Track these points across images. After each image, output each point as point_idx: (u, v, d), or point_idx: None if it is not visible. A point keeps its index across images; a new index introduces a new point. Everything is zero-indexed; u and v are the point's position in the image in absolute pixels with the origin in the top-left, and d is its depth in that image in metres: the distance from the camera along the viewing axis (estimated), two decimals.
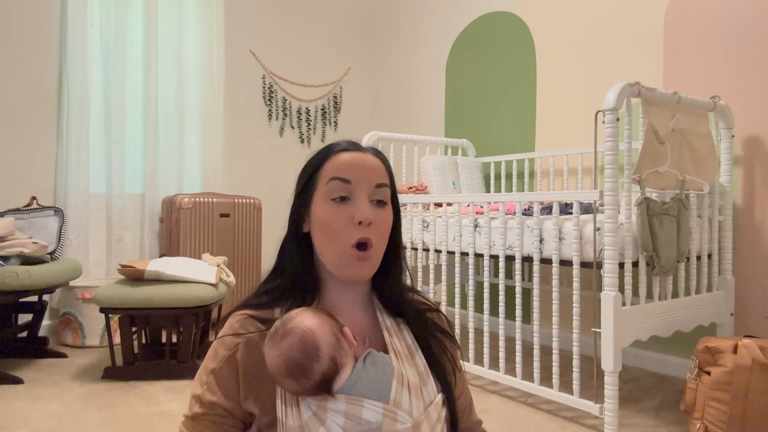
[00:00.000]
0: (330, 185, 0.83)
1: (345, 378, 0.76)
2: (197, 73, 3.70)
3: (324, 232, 0.83)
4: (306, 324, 0.76)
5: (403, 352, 0.84)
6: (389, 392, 0.77)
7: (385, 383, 0.77)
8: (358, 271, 0.83)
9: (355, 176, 0.83)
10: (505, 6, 3.46)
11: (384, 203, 0.86)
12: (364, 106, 4.58)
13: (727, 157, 2.28)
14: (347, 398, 0.75)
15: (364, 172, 0.84)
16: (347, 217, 0.82)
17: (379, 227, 0.84)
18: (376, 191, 0.85)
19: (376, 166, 0.86)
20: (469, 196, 2.50)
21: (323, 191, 0.84)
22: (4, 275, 2.35)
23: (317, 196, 0.85)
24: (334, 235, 0.82)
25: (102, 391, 2.33)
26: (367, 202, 0.83)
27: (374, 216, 0.83)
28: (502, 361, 2.27)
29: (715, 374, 1.78)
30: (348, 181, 0.83)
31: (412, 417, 0.77)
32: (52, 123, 3.25)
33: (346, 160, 0.85)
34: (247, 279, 3.45)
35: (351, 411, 0.74)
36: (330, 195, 0.83)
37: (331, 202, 0.83)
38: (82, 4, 3.24)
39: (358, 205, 0.82)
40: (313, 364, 0.74)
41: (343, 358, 0.77)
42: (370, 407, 0.75)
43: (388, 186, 0.87)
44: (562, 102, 3.13)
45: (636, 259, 1.95)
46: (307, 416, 0.75)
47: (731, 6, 2.43)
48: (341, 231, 0.82)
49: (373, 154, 0.88)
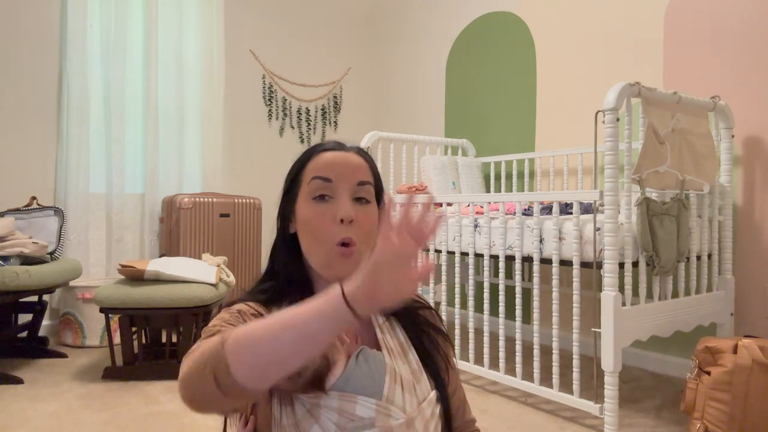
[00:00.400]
0: (312, 184, 0.84)
1: (337, 375, 0.76)
2: (197, 73, 3.70)
3: (308, 232, 0.84)
4: None
5: (395, 350, 0.84)
6: (382, 388, 0.77)
7: (378, 380, 0.77)
8: (343, 268, 0.82)
9: (336, 174, 0.84)
10: (505, 6, 3.46)
11: (367, 201, 0.85)
12: (364, 106, 4.58)
13: (727, 157, 2.28)
14: (340, 395, 0.75)
15: (345, 171, 0.84)
16: (330, 216, 0.82)
17: (362, 225, 0.83)
18: (358, 189, 0.84)
19: (358, 164, 0.86)
20: (469, 196, 2.50)
21: (306, 191, 0.85)
22: (4, 275, 2.35)
23: (301, 196, 0.85)
24: (317, 234, 0.82)
25: (102, 391, 2.33)
26: (348, 200, 0.83)
27: (356, 213, 0.83)
28: (502, 361, 2.27)
29: (715, 374, 1.78)
30: (329, 179, 0.83)
31: (405, 413, 0.77)
32: (52, 123, 3.25)
33: (327, 159, 0.85)
34: (247, 279, 3.45)
35: (344, 407, 0.74)
36: (312, 194, 0.84)
37: (313, 202, 0.84)
38: (82, 4, 3.25)
39: (340, 203, 0.83)
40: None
41: (335, 355, 0.77)
42: (363, 403, 0.75)
43: (371, 184, 0.87)
44: (562, 102, 3.13)
45: (636, 259, 1.95)
46: (300, 414, 0.75)
47: (731, 6, 2.43)
48: (324, 229, 0.82)
49: (356, 152, 0.88)
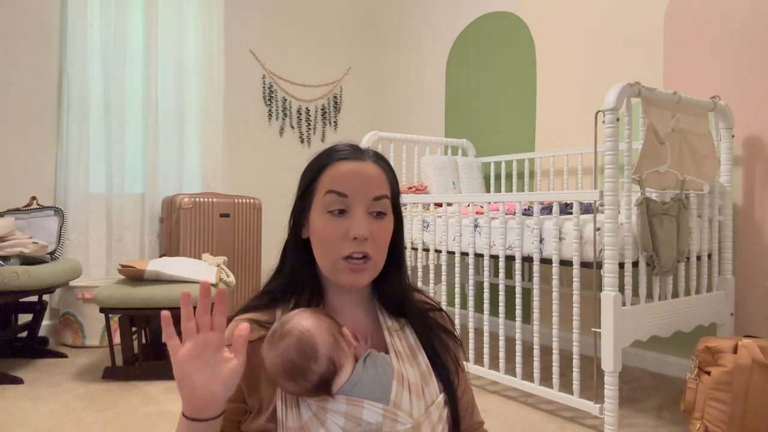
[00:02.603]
0: (327, 198, 0.82)
1: (345, 379, 0.76)
2: (197, 73, 3.70)
3: (320, 243, 0.83)
4: (303, 325, 0.76)
5: (404, 353, 0.84)
6: (389, 393, 0.76)
7: (385, 384, 0.77)
8: (353, 280, 0.82)
9: (352, 189, 0.82)
10: (505, 6, 3.46)
11: (383, 214, 0.84)
12: (364, 106, 4.58)
13: (727, 157, 2.28)
14: (347, 399, 0.75)
15: (361, 185, 0.82)
16: (343, 231, 0.81)
17: (377, 240, 0.83)
18: (374, 204, 0.83)
19: (375, 177, 0.84)
20: (469, 196, 2.50)
21: (321, 202, 0.83)
22: (4, 275, 2.35)
23: (315, 206, 0.84)
24: (328, 247, 0.82)
25: (102, 391, 2.33)
26: (364, 217, 0.82)
27: (371, 230, 0.82)
28: (502, 361, 2.27)
29: (715, 374, 1.78)
30: (345, 195, 0.82)
31: (413, 418, 0.77)
32: (52, 123, 3.25)
33: (344, 171, 0.83)
34: (247, 279, 3.45)
35: (351, 412, 0.74)
36: (327, 207, 0.82)
37: (328, 215, 0.82)
38: (82, 4, 3.25)
39: (355, 220, 0.81)
40: (310, 365, 0.74)
41: (342, 359, 0.76)
42: (370, 408, 0.74)
43: (388, 197, 0.85)
44: (562, 102, 3.13)
45: (636, 259, 1.95)
46: (306, 417, 0.74)
47: (731, 6, 2.43)
48: (336, 244, 0.81)
49: (373, 161, 0.86)
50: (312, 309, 0.82)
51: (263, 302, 0.87)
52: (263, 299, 0.87)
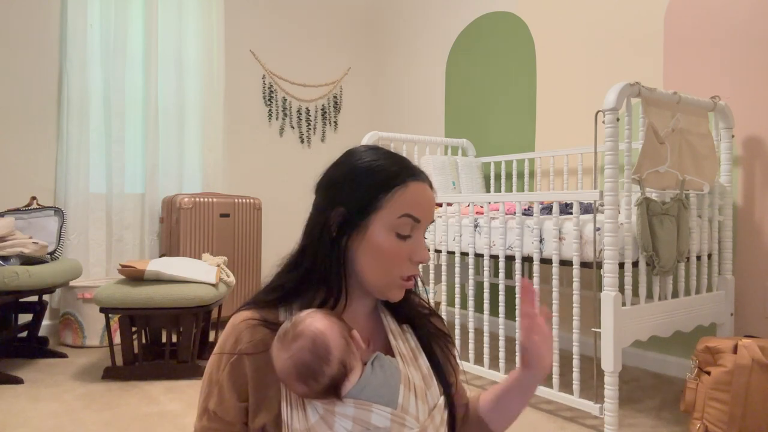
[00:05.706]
0: (401, 221, 0.82)
1: (353, 382, 0.75)
2: (197, 73, 3.70)
3: (377, 259, 0.82)
4: (317, 326, 0.75)
5: (407, 356, 0.84)
6: (397, 397, 0.76)
7: (393, 387, 0.77)
8: (399, 295, 0.85)
9: (424, 216, 0.84)
10: (505, 6, 3.46)
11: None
12: (364, 106, 4.58)
13: (727, 157, 2.28)
14: (356, 403, 0.74)
15: (430, 212, 0.85)
16: (406, 254, 0.83)
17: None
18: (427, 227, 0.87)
19: (434, 202, 0.88)
20: (469, 196, 2.50)
21: (391, 222, 0.81)
22: (4, 275, 2.35)
23: (379, 220, 0.81)
24: (389, 266, 0.82)
25: (102, 391, 2.33)
26: (424, 241, 0.86)
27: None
28: (502, 361, 2.27)
29: (715, 374, 1.78)
30: (419, 221, 0.83)
31: (419, 421, 0.77)
32: (52, 123, 3.25)
33: (418, 197, 0.83)
34: (247, 279, 3.45)
35: (359, 416, 0.74)
36: (398, 229, 0.82)
37: (396, 236, 0.82)
38: (82, 4, 3.25)
39: (418, 245, 0.84)
40: (323, 368, 0.73)
41: (352, 362, 0.76)
42: (378, 412, 0.74)
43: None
44: (562, 102, 3.13)
45: (636, 259, 1.95)
46: (314, 420, 0.74)
47: (731, 6, 2.43)
48: (398, 264, 0.83)
49: (431, 186, 0.88)
50: (323, 310, 0.80)
51: (272, 298, 0.85)
52: (273, 295, 0.85)
